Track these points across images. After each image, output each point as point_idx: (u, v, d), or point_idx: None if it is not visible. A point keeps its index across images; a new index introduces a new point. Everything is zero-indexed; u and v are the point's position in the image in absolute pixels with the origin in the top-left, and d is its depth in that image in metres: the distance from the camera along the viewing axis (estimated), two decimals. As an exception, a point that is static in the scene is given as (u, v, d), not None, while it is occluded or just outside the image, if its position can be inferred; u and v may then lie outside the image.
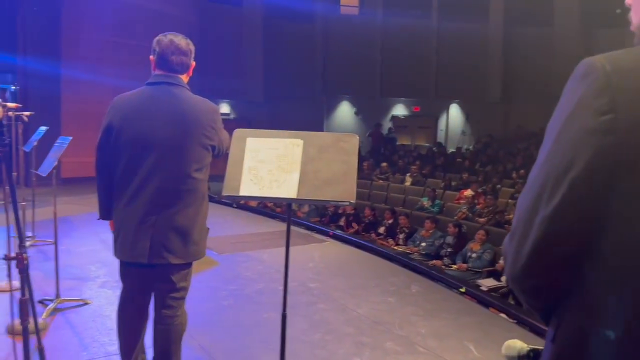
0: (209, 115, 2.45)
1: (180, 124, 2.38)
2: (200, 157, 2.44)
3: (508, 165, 12.24)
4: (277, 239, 6.58)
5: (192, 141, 2.39)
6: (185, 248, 2.42)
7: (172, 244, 2.40)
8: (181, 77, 2.50)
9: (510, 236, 0.98)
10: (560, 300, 0.93)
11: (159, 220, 2.38)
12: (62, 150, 4.07)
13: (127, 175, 2.41)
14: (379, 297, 4.57)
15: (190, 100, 2.45)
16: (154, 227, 2.38)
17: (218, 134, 2.49)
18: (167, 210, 2.38)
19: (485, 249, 6.68)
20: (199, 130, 2.40)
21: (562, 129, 0.89)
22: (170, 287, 2.47)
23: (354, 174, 2.26)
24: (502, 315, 4.41)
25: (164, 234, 2.38)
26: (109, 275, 4.75)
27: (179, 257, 2.42)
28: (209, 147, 2.46)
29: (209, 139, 2.44)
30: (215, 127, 2.47)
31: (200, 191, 2.46)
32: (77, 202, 8.81)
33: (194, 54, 2.52)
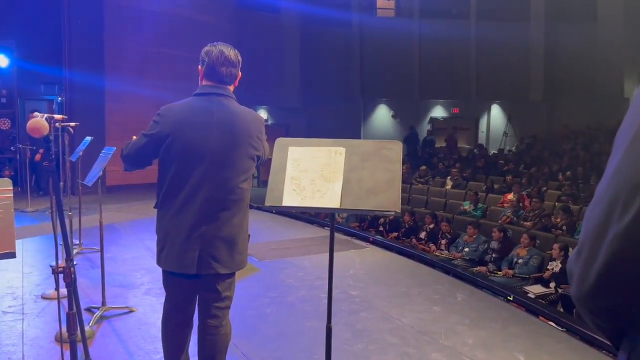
0: (256, 126, 2.49)
1: (230, 134, 2.40)
2: (247, 168, 2.47)
3: (554, 166, 11.85)
4: (317, 245, 6.55)
5: (241, 152, 2.42)
6: (232, 258, 2.44)
7: (220, 254, 2.41)
8: (229, 87, 2.53)
9: (577, 254, 0.91)
10: (633, 322, 0.85)
11: (208, 230, 2.38)
12: (107, 160, 4.16)
13: (177, 184, 2.41)
14: (422, 306, 4.46)
15: (239, 111, 2.48)
16: (202, 238, 2.38)
17: (263, 144, 2.53)
18: (215, 221, 2.39)
19: (532, 254, 6.46)
20: (247, 141, 2.43)
21: (633, 139, 0.82)
22: (216, 296, 2.48)
23: (398, 183, 2.20)
24: (550, 323, 4.23)
25: (212, 245, 2.39)
26: (153, 282, 4.82)
27: (226, 267, 2.43)
28: (255, 157, 2.49)
29: (255, 149, 2.47)
30: (261, 137, 2.51)
31: (245, 201, 2.49)
32: (121, 209, 9.03)
33: (241, 64, 2.54)
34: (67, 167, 6.05)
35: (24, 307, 4.17)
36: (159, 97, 11.99)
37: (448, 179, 11.69)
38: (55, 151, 5.62)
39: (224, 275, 2.46)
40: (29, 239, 6.45)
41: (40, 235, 6.69)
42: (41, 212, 8.29)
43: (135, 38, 11.80)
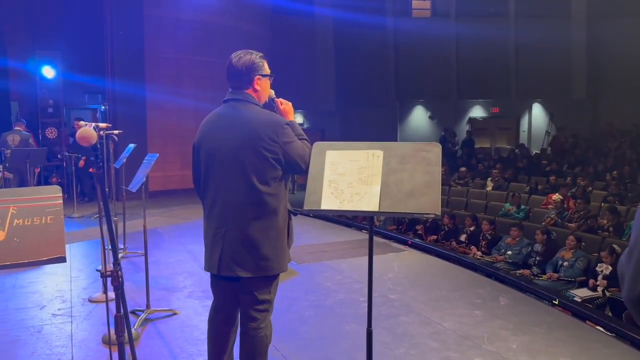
0: (269, 128, 2.41)
1: (239, 138, 2.43)
2: (262, 170, 2.41)
3: (599, 166, 11.46)
4: (355, 248, 6.53)
5: (251, 154, 2.40)
6: (254, 262, 2.43)
7: (240, 257, 2.43)
8: (247, 91, 2.52)
9: (629, 255, 0.89)
10: None
11: (228, 232, 2.45)
12: (150, 167, 4.27)
13: (205, 189, 2.56)
14: (464, 310, 4.39)
15: (252, 114, 2.47)
16: (223, 240, 2.46)
17: (283, 147, 2.42)
18: (235, 224, 2.44)
19: (577, 256, 6.26)
20: (258, 143, 2.39)
21: None
22: (252, 299, 2.50)
23: (438, 185, 2.17)
24: (598, 328, 4.08)
25: (232, 247, 2.44)
26: (195, 285, 4.91)
27: (247, 270, 2.44)
28: (272, 160, 2.41)
29: (269, 151, 2.39)
30: (277, 140, 2.40)
31: (270, 205, 2.43)
32: (163, 214, 9.24)
33: (258, 67, 2.51)
34: (111, 173, 6.25)
35: (72, 310, 4.33)
36: (197, 105, 12.30)
37: (489, 180, 11.46)
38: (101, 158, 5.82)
39: (258, 278, 2.46)
40: (76, 244, 6.69)
41: (86, 241, 6.92)
42: (87, 218, 8.58)
43: (173, 47, 12.10)
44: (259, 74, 2.52)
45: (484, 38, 15.66)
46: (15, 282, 5.07)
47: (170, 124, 11.91)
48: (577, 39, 15.55)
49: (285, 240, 2.54)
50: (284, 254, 2.52)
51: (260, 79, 2.53)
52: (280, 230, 2.50)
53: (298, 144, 2.47)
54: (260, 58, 2.56)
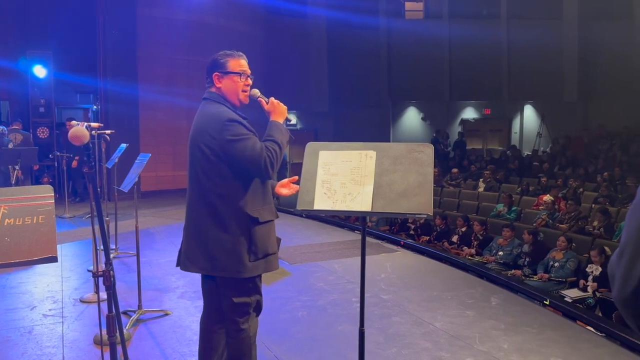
0: (210, 125, 2.37)
1: (192, 135, 2.47)
2: (206, 167, 2.38)
3: (590, 167, 11.54)
4: (347, 249, 6.54)
5: (197, 150, 2.42)
6: (201, 259, 2.45)
7: (192, 253, 2.47)
8: (211, 89, 2.52)
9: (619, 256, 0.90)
10: None
11: (186, 227, 2.53)
12: (142, 167, 4.25)
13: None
14: (455, 310, 4.41)
15: (206, 112, 2.46)
16: (184, 235, 2.54)
17: (224, 145, 2.32)
18: (191, 220, 2.50)
19: (568, 257, 6.30)
20: (200, 139, 2.39)
21: None
22: (229, 302, 2.48)
23: (430, 185, 2.19)
24: (589, 328, 4.11)
25: (188, 242, 2.51)
26: (188, 286, 4.90)
27: (196, 267, 2.48)
28: (212, 157, 2.36)
29: (209, 148, 2.35)
30: (216, 136, 2.33)
31: (218, 205, 2.38)
32: (155, 214, 9.21)
33: (218, 65, 2.49)
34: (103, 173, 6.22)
35: (63, 311, 4.30)
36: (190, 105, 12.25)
37: (480, 181, 11.51)
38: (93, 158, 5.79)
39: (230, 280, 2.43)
40: (67, 244, 6.65)
41: (78, 241, 6.89)
42: (78, 218, 8.53)
43: (166, 47, 12.07)
44: (218, 72, 2.49)
45: (476, 40, 15.74)
46: (5, 282, 5.03)
47: (163, 124, 11.88)
48: (568, 41, 15.66)
49: (241, 246, 2.39)
50: (238, 259, 2.39)
51: (221, 76, 2.48)
52: (233, 234, 2.38)
53: (247, 144, 2.33)
54: (226, 56, 2.50)
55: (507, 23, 16.25)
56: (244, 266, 2.40)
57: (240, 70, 2.51)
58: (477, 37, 15.70)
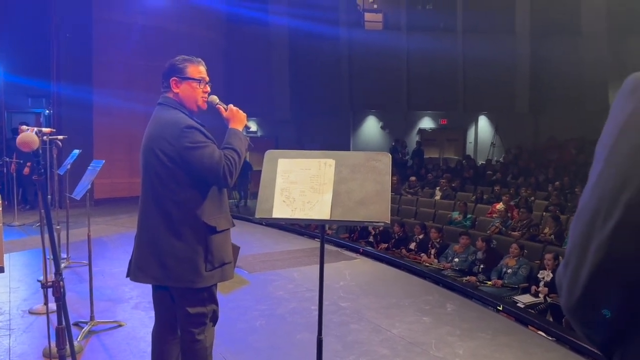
0: (167, 131, 2.32)
1: (146, 141, 2.42)
2: (162, 174, 2.33)
3: (540, 176, 11.97)
4: (307, 257, 6.54)
5: (152, 157, 2.36)
6: (156, 269, 2.37)
7: (145, 263, 2.40)
8: (168, 94, 2.48)
9: (565, 265, 0.92)
10: (623, 333, 0.86)
11: (138, 237, 2.46)
12: (95, 173, 4.14)
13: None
14: (413, 317, 4.47)
15: (162, 117, 2.41)
16: (135, 244, 2.47)
17: (181, 152, 2.29)
18: (143, 229, 2.43)
19: (521, 264, 6.50)
20: (155, 145, 2.34)
21: (612, 148, 0.84)
22: (184, 312, 2.42)
23: (387, 194, 2.22)
24: (540, 333, 4.25)
25: (139, 252, 2.44)
26: (142, 296, 4.78)
27: (148, 277, 2.42)
28: (169, 164, 2.31)
29: (165, 155, 2.31)
30: (173, 143, 2.29)
31: (173, 213, 2.33)
32: (109, 222, 8.96)
33: (176, 69, 2.45)
34: (55, 180, 6.01)
35: (11, 323, 4.12)
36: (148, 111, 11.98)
37: (437, 190, 11.75)
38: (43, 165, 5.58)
39: (185, 290, 2.38)
40: (16, 254, 6.38)
41: (27, 250, 6.61)
42: (28, 226, 8.20)
43: (123, 51, 11.81)
44: (176, 77, 2.44)
45: (433, 52, 16.12)
46: (-54, 294, 4.78)
47: (119, 129, 11.58)
48: (520, 55, 16.24)
49: (197, 255, 2.34)
50: (194, 269, 2.34)
51: (179, 81, 2.44)
52: (189, 243, 2.34)
53: (204, 152, 2.30)
54: (185, 61, 2.46)
55: (462, 37, 16.72)
56: (199, 276, 2.36)
57: (199, 77, 2.48)
58: (434, 50, 16.08)
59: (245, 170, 12.77)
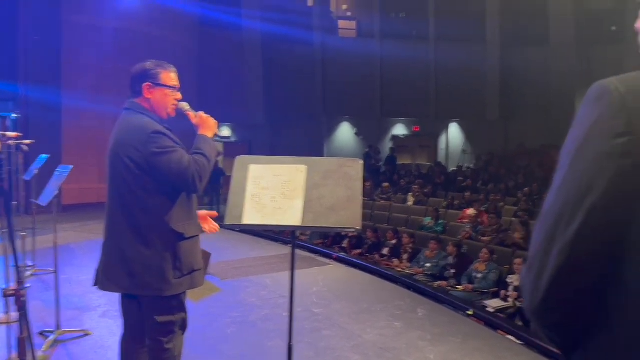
0: (134, 137, 2.29)
1: (114, 147, 2.37)
2: (130, 181, 2.29)
3: (510, 183, 12.20)
4: (280, 263, 6.51)
5: (119, 163, 2.32)
6: (122, 278, 2.32)
7: (112, 270, 2.36)
8: (138, 100, 2.43)
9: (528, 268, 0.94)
10: (585, 335, 0.88)
11: (105, 245, 2.41)
12: (62, 179, 4.05)
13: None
14: (385, 322, 4.49)
15: (129, 123, 2.37)
16: (103, 253, 2.42)
17: (148, 158, 2.25)
18: (111, 236, 2.39)
19: (490, 268, 6.60)
20: (124, 152, 2.30)
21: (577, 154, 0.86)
22: (152, 321, 2.38)
23: (359, 200, 2.23)
24: (509, 337, 4.32)
25: (107, 261, 2.39)
26: (111, 304, 4.67)
27: (118, 286, 2.37)
28: (136, 170, 2.27)
29: (132, 161, 2.27)
30: (140, 149, 2.25)
31: (141, 219, 2.30)
32: (78, 229, 8.77)
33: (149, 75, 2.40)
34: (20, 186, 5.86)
35: (-29, 333, 3.98)
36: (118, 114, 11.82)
37: (410, 195, 11.85)
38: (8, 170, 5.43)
39: (153, 299, 2.34)
40: (-22, 261, 6.17)
41: (-10, 257, 6.41)
42: (-8, 233, 7.95)
43: (93, 54, 11.62)
44: (149, 82, 2.40)
45: (406, 59, 16.32)
46: None
47: (89, 133, 11.37)
48: (491, 64, 16.58)
49: (166, 262, 2.31)
50: (162, 276, 2.30)
51: (152, 87, 2.40)
52: (158, 251, 2.30)
53: (173, 157, 2.27)
54: (158, 67, 2.42)
55: (434, 45, 16.97)
56: (167, 283, 2.32)
57: (172, 84, 2.46)
58: (407, 57, 16.28)
59: (217, 175, 12.65)
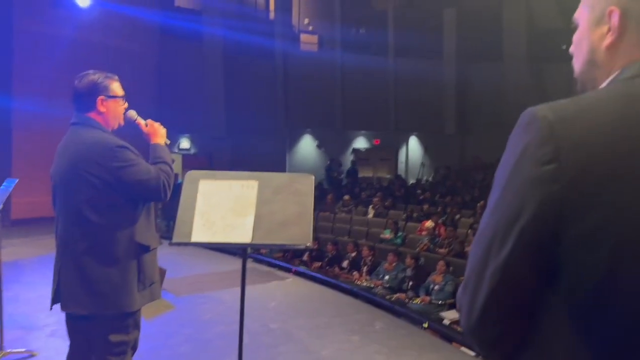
0: (96, 152, 2.24)
1: (69, 163, 2.29)
2: (91, 197, 2.24)
3: (466, 196, 12.47)
4: (238, 278, 6.40)
5: (78, 180, 2.25)
6: (88, 298, 2.24)
7: (75, 291, 2.25)
8: (90, 114, 2.37)
9: (464, 287, 0.97)
10: (517, 352, 0.91)
11: (63, 265, 2.29)
12: (7, 193, 3.90)
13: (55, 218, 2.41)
14: (343, 336, 4.49)
15: (85, 138, 2.31)
16: (59, 273, 2.30)
17: (114, 172, 2.22)
18: (69, 255, 2.28)
19: (446, 280, 6.70)
20: (84, 168, 2.24)
21: (508, 179, 0.89)
22: (104, 341, 2.30)
23: (309, 216, 2.23)
24: (463, 349, 4.39)
25: (67, 281, 2.27)
26: (60, 323, 4.47)
27: (81, 307, 2.26)
28: (100, 186, 2.23)
29: (96, 177, 2.22)
30: (105, 164, 2.22)
31: (103, 236, 2.25)
32: (28, 244, 8.44)
33: (101, 87, 2.36)
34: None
35: None
36: (72, 126, 11.48)
37: (370, 208, 11.95)
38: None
39: (108, 317, 2.27)
40: None
41: None
42: None
43: (47, 63, 11.28)
44: (103, 95, 2.36)
45: (366, 73, 16.54)
46: None
47: (40, 145, 10.94)
48: (448, 78, 16.99)
49: (130, 276, 2.28)
50: (130, 292, 2.28)
51: (106, 100, 2.36)
52: (122, 266, 2.27)
53: (137, 169, 2.26)
54: (107, 78, 2.39)
55: (394, 59, 17.27)
56: (133, 298, 2.28)
57: (121, 94, 2.43)
58: (367, 71, 16.51)
59: (176, 189, 12.42)
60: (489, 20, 15.84)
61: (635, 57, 0.90)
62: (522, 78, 15.57)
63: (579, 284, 0.81)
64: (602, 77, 0.96)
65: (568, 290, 0.83)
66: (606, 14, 0.93)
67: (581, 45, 0.99)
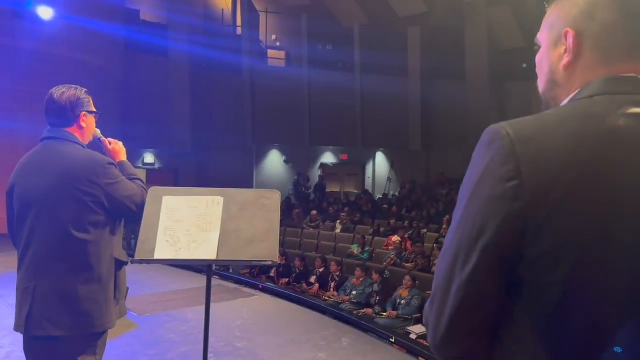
0: (86, 169, 2.21)
1: (53, 180, 2.21)
2: (78, 215, 2.19)
3: (431, 210, 12.64)
4: (202, 296, 6.30)
5: (65, 197, 2.18)
6: (70, 318, 2.16)
7: (54, 313, 2.15)
8: (70, 129, 2.33)
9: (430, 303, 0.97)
10: None
11: (38, 286, 2.17)
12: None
13: (17, 238, 2.28)
14: (309, 353, 4.45)
15: (70, 154, 2.26)
16: (33, 294, 2.17)
17: (105, 189, 2.21)
18: (47, 276, 2.18)
19: (413, 294, 6.75)
20: (73, 185, 2.18)
21: (471, 196, 0.90)
22: None
23: (276, 232, 2.21)
24: (430, 363, 4.41)
25: (44, 302, 2.16)
26: (16, 344, 4.32)
27: (62, 328, 2.16)
28: (91, 204, 2.19)
29: (86, 194, 2.18)
30: (97, 181, 2.20)
31: (89, 254, 2.19)
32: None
33: (83, 102, 2.34)
34: None
35: None
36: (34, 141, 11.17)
37: (337, 223, 11.97)
38: None
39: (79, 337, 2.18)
40: None
41: None
42: None
43: (7, 76, 10.97)
44: (84, 110, 2.33)
45: (333, 89, 16.68)
46: None
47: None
48: (412, 95, 17.31)
49: (110, 293, 2.26)
50: (109, 308, 2.25)
51: (87, 115, 2.35)
52: (104, 282, 2.24)
53: (124, 185, 2.28)
54: (86, 94, 2.38)
55: (360, 75, 17.50)
56: (111, 315, 2.25)
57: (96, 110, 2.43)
58: (334, 87, 16.66)
59: (140, 204, 12.17)
60: (451, 39, 16.24)
61: (591, 77, 0.94)
62: (483, 95, 16.00)
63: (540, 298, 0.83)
64: (562, 95, 0.98)
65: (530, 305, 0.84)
66: (562, 34, 0.96)
67: (542, 65, 1.02)
